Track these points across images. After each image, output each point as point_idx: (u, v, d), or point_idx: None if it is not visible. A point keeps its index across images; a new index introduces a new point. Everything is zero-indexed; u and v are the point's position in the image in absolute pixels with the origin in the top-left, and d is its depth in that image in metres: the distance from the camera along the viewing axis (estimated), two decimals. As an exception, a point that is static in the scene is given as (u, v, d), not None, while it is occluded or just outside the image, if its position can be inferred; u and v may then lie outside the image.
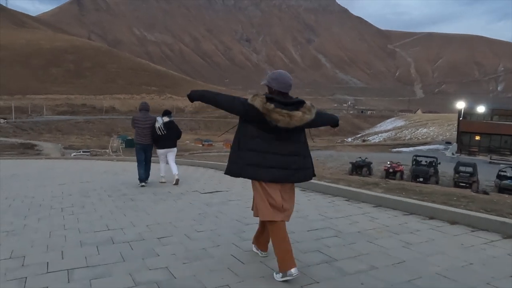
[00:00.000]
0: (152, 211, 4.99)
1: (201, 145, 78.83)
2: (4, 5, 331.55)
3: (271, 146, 2.58)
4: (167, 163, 7.55)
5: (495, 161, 29.08)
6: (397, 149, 45.56)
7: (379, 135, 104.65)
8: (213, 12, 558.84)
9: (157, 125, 7.23)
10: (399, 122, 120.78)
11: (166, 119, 7.40)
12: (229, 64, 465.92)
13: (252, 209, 2.87)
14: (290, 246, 2.57)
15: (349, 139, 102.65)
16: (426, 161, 19.88)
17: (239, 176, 2.60)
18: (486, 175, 19.44)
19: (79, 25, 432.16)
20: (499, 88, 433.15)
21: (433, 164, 19.38)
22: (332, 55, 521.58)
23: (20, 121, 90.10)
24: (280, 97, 2.62)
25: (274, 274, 2.64)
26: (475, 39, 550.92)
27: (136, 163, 7.28)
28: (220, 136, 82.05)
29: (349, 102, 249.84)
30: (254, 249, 3.12)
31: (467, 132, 37.59)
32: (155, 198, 5.84)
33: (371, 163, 21.57)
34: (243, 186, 6.54)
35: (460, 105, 39.34)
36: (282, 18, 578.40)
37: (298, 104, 2.63)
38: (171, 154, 7.52)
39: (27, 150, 55.57)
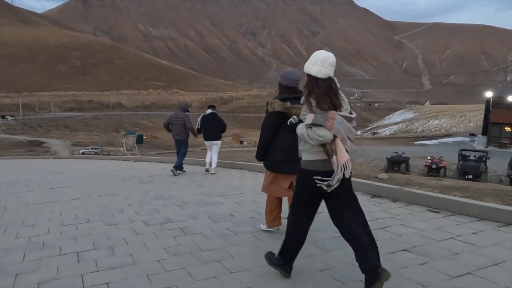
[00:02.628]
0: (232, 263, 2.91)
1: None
2: (10, 2, 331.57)
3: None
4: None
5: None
6: (419, 142, 43.85)
7: (389, 127, 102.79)
8: (218, 6, 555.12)
9: (198, 119, 7.85)
10: (409, 114, 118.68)
11: (209, 111, 7.89)
12: (234, 58, 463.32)
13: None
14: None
15: (359, 132, 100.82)
16: (475, 156, 18.33)
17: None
18: None
19: (84, 22, 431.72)
20: (508, 78, 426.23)
21: (483, 159, 17.83)
22: (338, 47, 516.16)
23: (27, 118, 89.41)
24: (290, 92, 3.32)
25: (261, 224, 3.79)
26: (483, 29, 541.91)
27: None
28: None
29: (356, 95, 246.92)
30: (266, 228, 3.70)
31: (497, 123, 35.72)
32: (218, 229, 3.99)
33: (409, 158, 20.09)
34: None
35: (489, 94, 37.45)
36: (287, 11, 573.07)
37: None
38: (215, 146, 8.02)
39: (35, 147, 54.72)
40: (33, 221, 4.57)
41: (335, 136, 2.24)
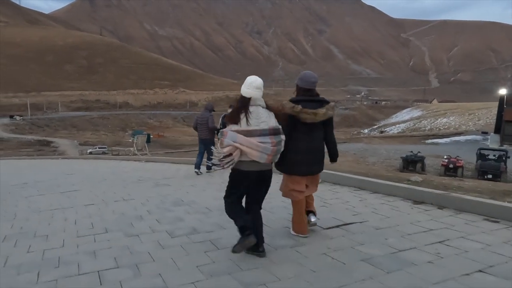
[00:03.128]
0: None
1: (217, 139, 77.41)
2: (18, 3, 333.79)
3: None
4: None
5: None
6: (431, 141, 43.09)
7: (397, 126, 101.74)
8: (223, 5, 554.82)
9: (220, 118, 7.57)
10: (416, 112, 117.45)
11: (230, 110, 7.72)
12: (240, 57, 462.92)
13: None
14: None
15: (366, 131, 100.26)
16: (494, 155, 17.74)
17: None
18: None
19: (90, 22, 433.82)
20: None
21: (503, 158, 17.25)
22: (344, 45, 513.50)
23: (35, 118, 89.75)
24: (306, 94, 3.37)
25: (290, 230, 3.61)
26: (491, 26, 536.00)
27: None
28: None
29: (363, 93, 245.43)
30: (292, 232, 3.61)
31: (511, 121, 34.91)
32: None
33: (424, 157, 19.53)
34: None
35: (502, 91, 36.63)
36: (292, 9, 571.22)
37: (322, 102, 3.36)
38: None
39: (44, 147, 54.77)
40: (46, 231, 4.17)
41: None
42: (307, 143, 3.35)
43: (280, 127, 3.07)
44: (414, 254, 2.97)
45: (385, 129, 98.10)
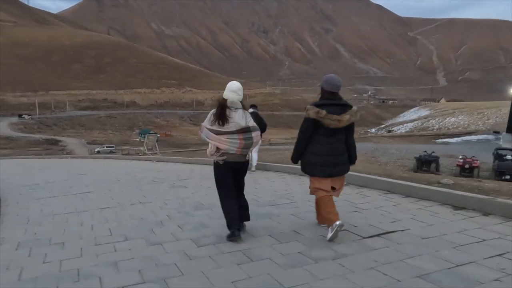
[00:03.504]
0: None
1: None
2: (26, 3, 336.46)
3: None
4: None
5: None
6: (442, 140, 42.49)
7: (404, 125, 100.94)
8: (230, 5, 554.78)
9: None
10: (424, 112, 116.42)
11: (250, 110, 7.39)
12: (246, 56, 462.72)
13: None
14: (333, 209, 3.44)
15: (373, 130, 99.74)
16: (512, 155, 17.26)
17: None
18: None
19: (98, 21, 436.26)
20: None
21: (523, 158, 16.76)
22: (351, 44, 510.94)
23: (44, 117, 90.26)
24: (330, 97, 3.41)
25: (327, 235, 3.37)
26: (500, 24, 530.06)
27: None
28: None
29: (369, 92, 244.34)
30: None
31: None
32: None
33: (439, 157, 19.07)
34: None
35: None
36: (299, 8, 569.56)
37: (345, 106, 3.38)
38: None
39: (52, 146, 54.94)
40: (62, 238, 3.90)
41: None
42: (329, 146, 3.43)
43: (252, 125, 3.57)
44: (476, 270, 2.65)
45: (393, 129, 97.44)
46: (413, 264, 2.79)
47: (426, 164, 19.32)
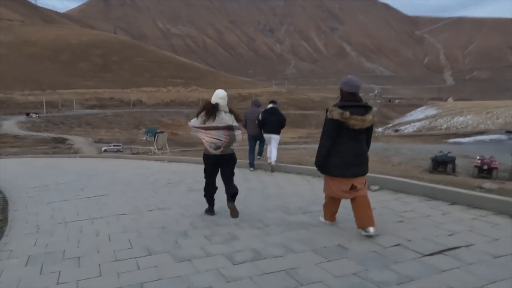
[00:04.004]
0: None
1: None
2: (34, 2, 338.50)
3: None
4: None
5: None
6: (453, 140, 41.76)
7: (412, 124, 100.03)
8: (236, 4, 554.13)
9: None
10: (431, 111, 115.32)
11: (270, 105, 8.02)
12: (252, 55, 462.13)
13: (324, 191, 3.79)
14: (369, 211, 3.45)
15: (380, 129, 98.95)
16: (531, 157, 16.65)
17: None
18: None
19: (105, 20, 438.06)
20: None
21: (543, 159, 16.16)
22: (357, 43, 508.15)
23: (51, 115, 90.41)
24: (351, 98, 3.44)
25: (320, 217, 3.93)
26: (508, 22, 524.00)
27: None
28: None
29: (376, 91, 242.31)
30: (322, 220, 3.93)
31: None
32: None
33: (455, 158, 18.46)
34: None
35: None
36: (305, 7, 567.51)
37: (366, 107, 3.45)
38: (273, 141, 7.98)
39: (59, 144, 54.81)
40: (77, 251, 3.47)
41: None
42: (352, 147, 3.45)
43: (235, 125, 4.34)
44: None
45: (400, 128, 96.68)
46: (436, 277, 2.33)
47: (442, 165, 18.72)
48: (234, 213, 4.35)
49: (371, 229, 3.37)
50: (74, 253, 3.39)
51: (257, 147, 8.67)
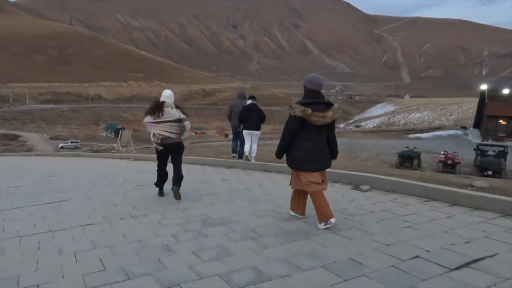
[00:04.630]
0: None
1: (194, 133, 75.67)
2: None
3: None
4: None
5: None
6: (413, 136, 43.06)
7: (371, 120, 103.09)
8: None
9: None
10: (390, 107, 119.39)
11: (249, 101, 8.14)
12: (216, 51, 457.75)
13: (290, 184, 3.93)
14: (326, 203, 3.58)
15: (342, 125, 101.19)
16: (493, 151, 17.23)
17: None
18: None
19: (60, 11, 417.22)
20: (483, 72, 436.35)
21: (503, 154, 16.75)
22: (320, 40, 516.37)
23: (1, 110, 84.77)
24: (314, 96, 3.59)
25: (318, 224, 3.61)
26: (460, 24, 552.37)
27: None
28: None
29: (338, 88, 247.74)
30: (292, 213, 4.03)
31: (493, 116, 35.11)
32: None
33: (420, 153, 18.89)
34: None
35: (484, 87, 36.80)
36: (269, 3, 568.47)
37: (328, 104, 3.61)
38: (254, 137, 8.13)
39: (11, 141, 51.46)
40: (35, 277, 2.81)
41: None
42: (314, 142, 3.60)
43: (183, 117, 5.14)
44: None
45: (361, 124, 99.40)
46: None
47: (408, 160, 19.15)
48: (177, 195, 5.07)
49: (331, 220, 3.54)
50: (32, 280, 2.74)
51: (236, 143, 8.72)
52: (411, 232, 3.42)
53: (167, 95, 5.17)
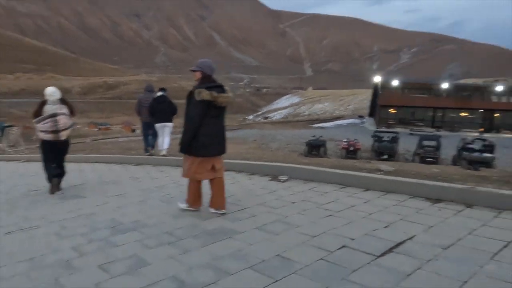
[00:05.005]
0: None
1: (96, 129, 70.46)
2: None
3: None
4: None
5: (415, 132, 30.03)
6: (318, 125, 45.63)
7: (279, 111, 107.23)
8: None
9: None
10: (295, 99, 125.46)
11: (159, 93, 7.93)
12: (118, 41, 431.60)
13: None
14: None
15: (251, 117, 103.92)
16: (388, 137, 18.82)
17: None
18: (408, 145, 19.30)
19: None
20: (374, 67, 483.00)
21: (396, 139, 18.42)
22: (226, 33, 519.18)
23: None
24: (212, 80, 3.64)
25: (179, 203, 3.96)
26: (354, 22, 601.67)
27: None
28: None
29: (245, 80, 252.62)
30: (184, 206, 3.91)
31: (385, 105, 38.73)
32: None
33: (326, 141, 19.91)
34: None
35: (377, 79, 40.36)
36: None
37: (222, 87, 3.65)
38: (167, 128, 7.98)
39: None
40: None
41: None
42: (216, 127, 3.66)
43: (60, 112, 5.22)
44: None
45: (269, 115, 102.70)
46: None
47: (315, 148, 20.08)
48: (54, 188, 5.31)
49: (223, 210, 3.70)
50: None
51: (150, 137, 8.36)
52: (334, 220, 3.40)
53: (48, 93, 5.27)
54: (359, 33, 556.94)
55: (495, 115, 37.64)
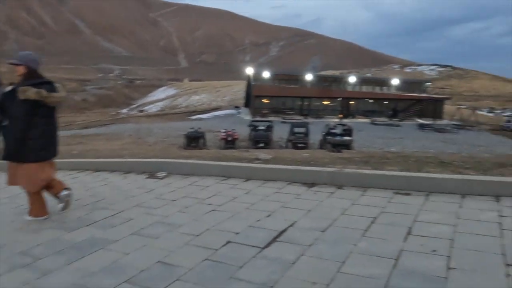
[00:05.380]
0: None
1: None
2: None
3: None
4: None
5: (286, 120, 32.24)
6: (195, 117, 45.36)
7: (155, 104, 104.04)
8: None
9: None
10: (171, 91, 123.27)
11: (9, 88, 6.33)
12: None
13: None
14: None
15: (124, 110, 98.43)
16: (263, 126, 19.67)
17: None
18: (281, 133, 20.90)
19: None
20: (247, 58, 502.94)
21: (270, 128, 19.37)
22: (90, 20, 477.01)
23: None
24: (39, 76, 3.26)
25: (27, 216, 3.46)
26: (226, 14, 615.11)
27: None
28: None
29: (116, 72, 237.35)
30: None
31: (258, 96, 40.47)
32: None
33: (204, 133, 19.96)
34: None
35: (249, 71, 41.85)
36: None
37: (51, 83, 3.30)
38: None
39: None
40: None
41: None
42: (50, 128, 3.36)
43: None
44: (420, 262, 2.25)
45: (144, 108, 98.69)
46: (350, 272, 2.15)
47: (194, 140, 20.00)
48: None
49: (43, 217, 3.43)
50: None
51: None
52: (217, 215, 3.29)
53: None
54: (231, 25, 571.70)
55: (351, 102, 42.85)
